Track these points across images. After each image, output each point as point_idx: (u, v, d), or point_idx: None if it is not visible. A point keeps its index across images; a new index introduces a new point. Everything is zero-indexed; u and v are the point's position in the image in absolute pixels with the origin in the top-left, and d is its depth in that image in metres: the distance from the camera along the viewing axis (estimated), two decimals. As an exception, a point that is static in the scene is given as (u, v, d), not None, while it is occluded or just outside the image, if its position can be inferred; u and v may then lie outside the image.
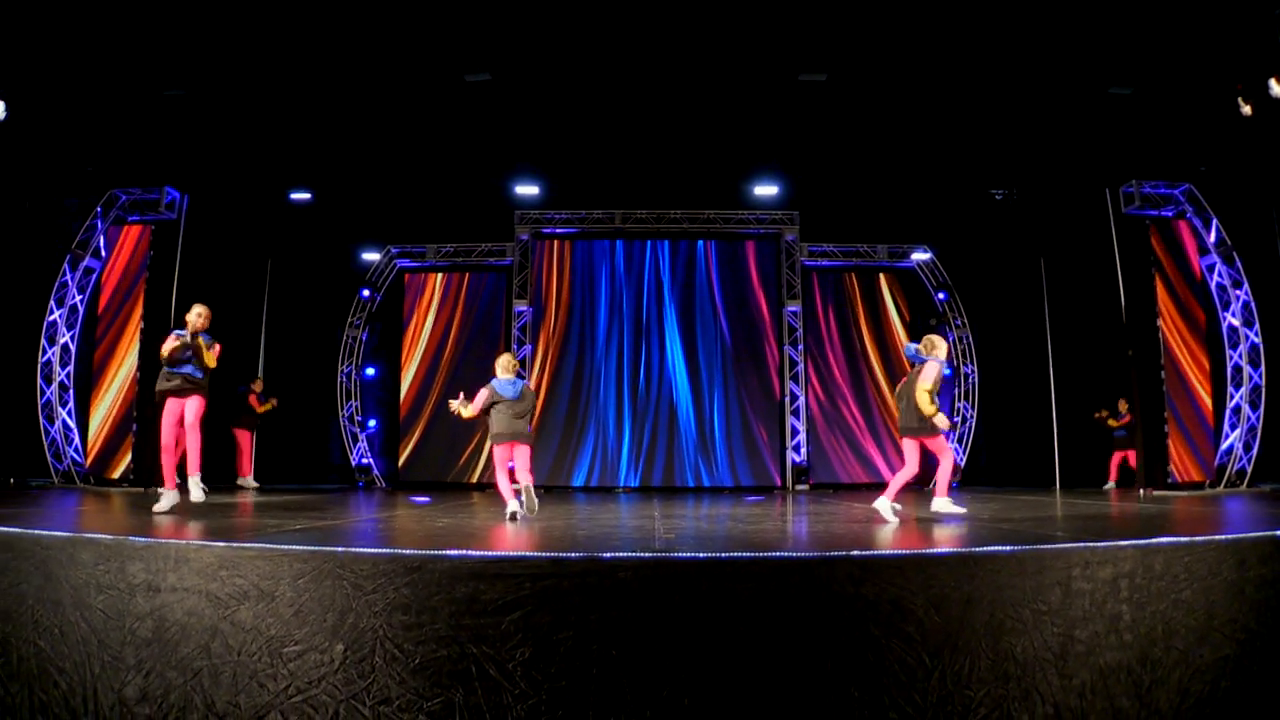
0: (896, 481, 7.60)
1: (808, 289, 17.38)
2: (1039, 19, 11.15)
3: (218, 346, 8.28)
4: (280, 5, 10.83)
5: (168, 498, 7.60)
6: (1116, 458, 14.91)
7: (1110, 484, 14.81)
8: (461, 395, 9.12)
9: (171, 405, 8.07)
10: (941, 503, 7.64)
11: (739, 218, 17.37)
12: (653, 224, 17.32)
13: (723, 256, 17.45)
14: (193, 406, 8.12)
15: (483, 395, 9.14)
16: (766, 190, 16.60)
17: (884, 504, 7.47)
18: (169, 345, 8.09)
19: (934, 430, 7.59)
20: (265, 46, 11.70)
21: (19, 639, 4.35)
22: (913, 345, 8.01)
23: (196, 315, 8.24)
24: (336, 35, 11.55)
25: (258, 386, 14.60)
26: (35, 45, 11.19)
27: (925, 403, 7.43)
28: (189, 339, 8.14)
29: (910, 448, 7.74)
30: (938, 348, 7.77)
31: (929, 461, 7.84)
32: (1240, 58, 11.39)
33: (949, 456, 7.74)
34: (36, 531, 4.57)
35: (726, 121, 14.33)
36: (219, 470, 14.39)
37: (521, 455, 8.72)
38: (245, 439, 14.27)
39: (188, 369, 8.17)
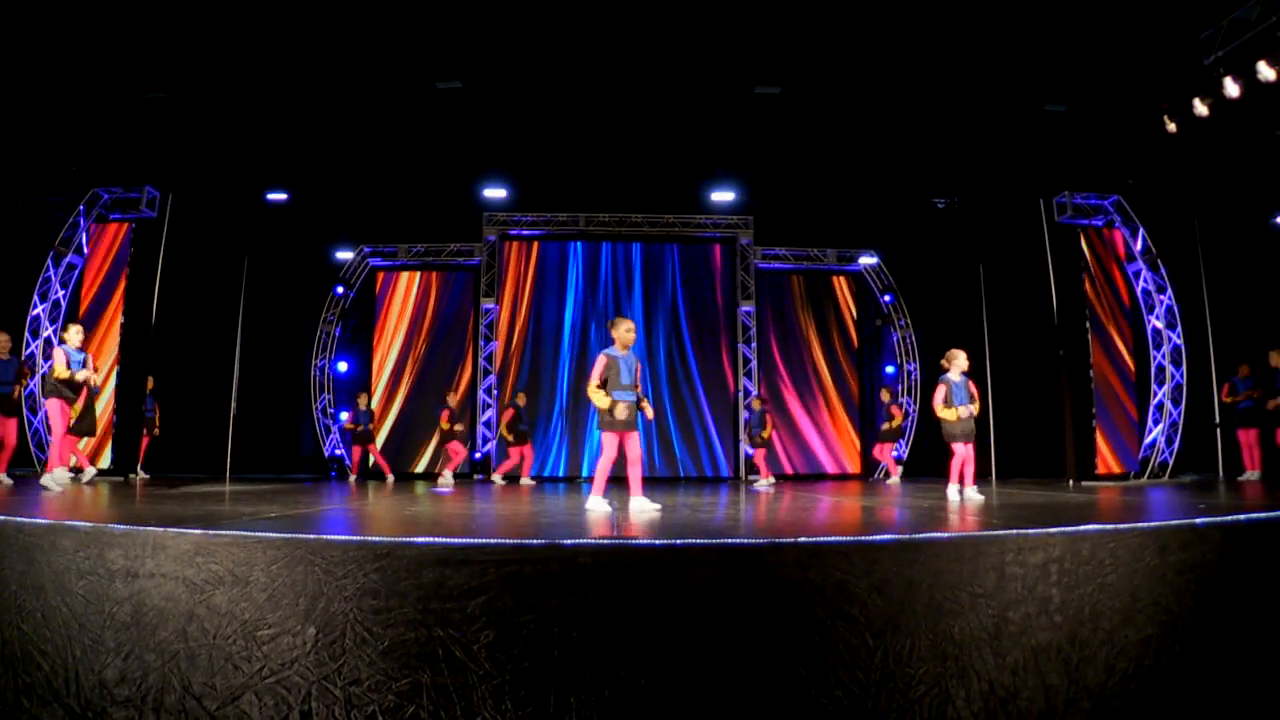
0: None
1: (761, 290, 17.47)
2: (980, 39, 11.30)
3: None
4: (259, 13, 10.71)
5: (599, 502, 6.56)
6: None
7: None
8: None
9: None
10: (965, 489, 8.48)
11: (697, 221, 17.41)
12: (615, 227, 17.31)
13: (681, 258, 17.48)
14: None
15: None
16: (723, 196, 16.68)
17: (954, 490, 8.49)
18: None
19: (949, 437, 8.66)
20: (244, 53, 11.58)
21: (2, 623, 4.26)
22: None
23: (627, 330, 6.85)
24: (315, 44, 11.45)
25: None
26: (20, 49, 10.99)
27: (938, 411, 8.66)
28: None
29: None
30: (952, 361, 8.71)
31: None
32: (1167, 79, 11.61)
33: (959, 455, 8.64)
34: (18, 519, 4.48)
35: (686, 131, 14.41)
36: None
37: None
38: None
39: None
